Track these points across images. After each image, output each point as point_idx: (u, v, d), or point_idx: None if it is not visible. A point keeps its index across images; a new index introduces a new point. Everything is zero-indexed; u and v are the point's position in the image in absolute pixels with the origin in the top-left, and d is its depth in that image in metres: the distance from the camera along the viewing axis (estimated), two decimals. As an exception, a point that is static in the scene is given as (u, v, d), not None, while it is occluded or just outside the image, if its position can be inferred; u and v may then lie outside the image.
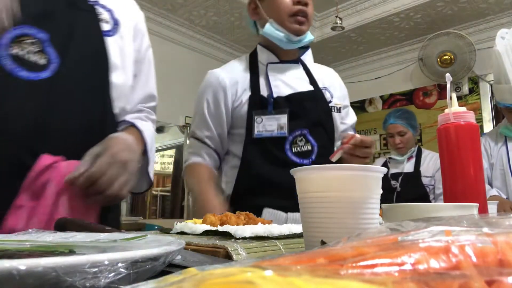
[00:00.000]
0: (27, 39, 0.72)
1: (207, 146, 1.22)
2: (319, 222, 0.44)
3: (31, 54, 0.72)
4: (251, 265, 0.19)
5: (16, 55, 0.70)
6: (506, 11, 3.34)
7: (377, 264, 0.19)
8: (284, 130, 1.13)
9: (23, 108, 0.71)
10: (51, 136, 0.73)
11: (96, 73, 0.82)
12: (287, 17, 1.15)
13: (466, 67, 3.44)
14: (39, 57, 0.73)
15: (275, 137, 1.13)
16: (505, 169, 1.89)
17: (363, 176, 0.44)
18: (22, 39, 0.71)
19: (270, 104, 1.14)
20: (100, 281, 0.26)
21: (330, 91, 1.27)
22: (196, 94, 1.27)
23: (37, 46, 0.73)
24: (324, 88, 1.26)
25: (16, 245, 0.38)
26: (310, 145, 1.16)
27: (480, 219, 0.27)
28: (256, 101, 1.15)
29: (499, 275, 0.18)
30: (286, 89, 1.19)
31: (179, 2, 3.38)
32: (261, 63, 1.24)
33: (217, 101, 1.19)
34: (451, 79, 0.72)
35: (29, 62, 0.72)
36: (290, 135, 1.14)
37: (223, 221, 0.69)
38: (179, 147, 3.81)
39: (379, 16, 3.48)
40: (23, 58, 0.71)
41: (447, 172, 0.70)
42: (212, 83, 1.21)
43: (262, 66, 1.23)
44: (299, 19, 1.15)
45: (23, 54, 0.71)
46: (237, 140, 1.20)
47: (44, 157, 0.71)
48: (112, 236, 0.45)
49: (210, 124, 1.20)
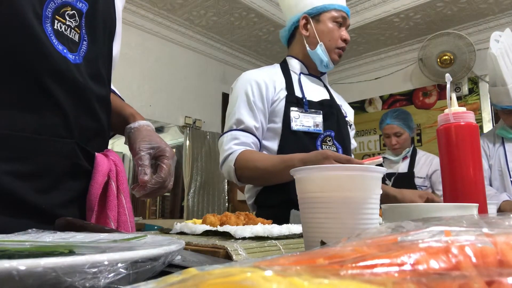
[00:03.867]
0: (67, 9, 0.64)
1: (255, 137, 1.23)
2: (319, 222, 0.44)
3: (69, 29, 0.65)
4: (251, 265, 0.19)
5: (58, 31, 0.63)
6: (506, 12, 3.34)
7: (377, 264, 0.19)
8: (319, 128, 1.26)
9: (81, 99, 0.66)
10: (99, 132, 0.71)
11: (110, 49, 0.77)
12: (334, 48, 1.32)
13: (465, 67, 3.44)
14: (74, 33, 0.66)
15: (311, 132, 1.24)
16: (503, 170, 1.89)
17: (363, 176, 0.44)
18: (64, 9, 0.63)
19: (305, 104, 1.27)
20: (99, 281, 0.26)
21: (344, 109, 1.43)
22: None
23: (75, 20, 0.66)
24: (340, 105, 1.42)
25: (16, 245, 0.38)
26: (335, 147, 1.29)
27: (479, 219, 0.27)
28: (292, 100, 1.26)
29: (498, 275, 0.18)
30: (315, 96, 1.32)
31: (178, 2, 3.38)
32: (294, 71, 1.36)
33: (260, 94, 1.25)
34: (451, 79, 0.72)
35: (68, 39, 0.65)
36: (322, 134, 1.26)
37: (223, 221, 0.69)
38: (179, 147, 3.82)
39: (379, 17, 3.49)
40: (63, 35, 0.64)
41: (447, 172, 0.70)
42: (252, 78, 1.27)
43: (295, 74, 1.35)
44: (340, 53, 1.34)
45: (64, 30, 0.64)
46: (270, 135, 1.26)
47: (99, 157, 0.69)
48: (112, 236, 0.45)
49: (257, 114, 1.24)
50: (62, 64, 0.62)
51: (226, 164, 1.21)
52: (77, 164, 0.66)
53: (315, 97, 1.31)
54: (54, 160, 0.63)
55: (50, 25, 0.61)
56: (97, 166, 0.68)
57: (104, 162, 0.70)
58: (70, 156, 0.65)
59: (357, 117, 4.28)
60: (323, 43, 1.31)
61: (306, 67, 1.37)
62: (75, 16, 0.65)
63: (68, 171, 0.65)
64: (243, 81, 1.29)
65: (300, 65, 1.37)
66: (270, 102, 1.26)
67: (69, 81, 0.63)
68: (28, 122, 0.59)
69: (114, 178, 0.71)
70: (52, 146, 0.62)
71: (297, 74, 1.35)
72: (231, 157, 1.19)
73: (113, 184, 0.70)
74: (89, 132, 0.69)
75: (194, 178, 3.72)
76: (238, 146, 1.20)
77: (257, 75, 1.29)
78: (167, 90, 3.67)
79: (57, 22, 0.62)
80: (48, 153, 0.62)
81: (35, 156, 0.60)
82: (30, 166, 0.60)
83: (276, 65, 1.39)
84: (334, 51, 1.32)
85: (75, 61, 0.65)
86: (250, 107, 1.23)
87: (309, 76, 1.38)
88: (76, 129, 0.65)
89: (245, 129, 1.22)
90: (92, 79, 0.69)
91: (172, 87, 3.68)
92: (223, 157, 1.22)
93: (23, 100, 0.59)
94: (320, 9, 1.32)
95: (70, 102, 0.64)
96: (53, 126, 0.62)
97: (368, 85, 4.23)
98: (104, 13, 0.73)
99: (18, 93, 0.58)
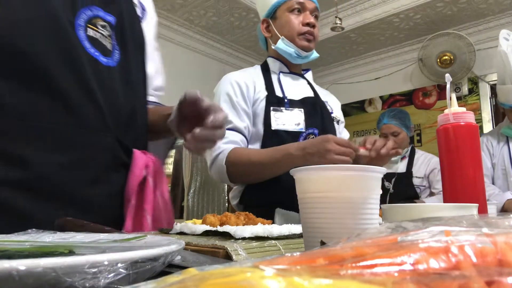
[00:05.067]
0: (99, 21, 0.69)
1: (242, 135, 1.21)
2: (319, 223, 0.44)
3: (102, 37, 0.69)
4: (250, 266, 0.19)
5: (92, 37, 0.67)
6: (506, 12, 3.34)
7: (376, 264, 0.19)
8: (301, 126, 1.22)
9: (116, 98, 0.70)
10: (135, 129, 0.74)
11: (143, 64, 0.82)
12: (297, 35, 1.27)
13: (465, 67, 3.44)
14: (107, 41, 0.70)
15: (292, 132, 1.20)
16: (507, 168, 1.90)
17: (363, 176, 0.44)
18: (95, 20, 0.68)
19: (286, 103, 1.24)
20: (99, 281, 0.26)
21: (330, 105, 1.40)
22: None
23: (107, 30, 0.70)
24: (326, 101, 1.38)
25: (16, 245, 0.38)
26: None
27: (479, 219, 0.27)
28: (273, 100, 1.24)
29: (498, 275, 0.18)
30: (297, 94, 1.29)
31: (178, 3, 3.38)
32: (273, 71, 1.34)
33: (242, 94, 1.24)
34: (450, 79, 0.72)
35: (102, 46, 0.69)
36: (304, 132, 1.22)
37: (223, 222, 0.69)
38: (179, 148, 3.81)
39: (379, 17, 3.49)
40: (96, 40, 0.68)
41: (446, 172, 0.70)
42: (233, 79, 1.27)
43: (274, 74, 1.33)
44: (308, 37, 1.28)
45: (97, 37, 0.68)
46: (252, 137, 1.24)
47: (137, 153, 0.72)
48: (111, 237, 0.45)
49: (242, 114, 1.23)
50: (92, 64, 0.66)
51: (216, 164, 1.18)
52: (117, 157, 0.69)
53: (297, 95, 1.29)
54: (95, 152, 0.66)
55: (83, 32, 0.66)
56: (134, 159, 0.71)
57: (142, 157, 0.72)
58: (110, 149, 0.68)
59: (357, 117, 4.28)
60: (284, 36, 1.29)
61: (286, 66, 1.36)
62: (106, 27, 0.70)
63: (110, 164, 0.68)
64: (224, 83, 1.28)
65: (279, 64, 1.35)
66: (252, 102, 1.24)
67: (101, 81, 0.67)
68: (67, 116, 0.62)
69: (151, 174, 0.73)
70: (93, 139, 0.65)
71: (277, 73, 1.33)
72: (221, 156, 1.16)
73: (150, 180, 0.72)
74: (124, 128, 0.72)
75: (194, 178, 3.72)
76: (227, 144, 1.17)
77: (238, 77, 1.28)
78: (167, 90, 3.65)
79: (90, 30, 0.67)
80: (89, 145, 0.65)
81: (77, 148, 0.63)
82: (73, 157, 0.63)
83: (257, 66, 1.39)
84: (297, 38, 1.27)
85: (107, 63, 0.69)
86: (234, 107, 1.22)
87: (290, 74, 1.36)
88: (112, 124, 0.68)
89: (232, 128, 1.20)
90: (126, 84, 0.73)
91: (172, 88, 3.67)
92: (212, 158, 1.19)
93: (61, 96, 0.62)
94: (274, 6, 1.31)
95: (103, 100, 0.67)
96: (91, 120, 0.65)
97: (368, 85, 4.23)
98: (130, 25, 0.77)
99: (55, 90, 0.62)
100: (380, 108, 4.12)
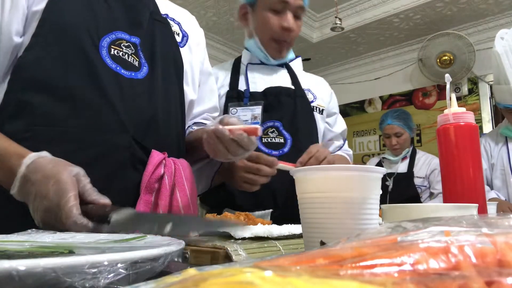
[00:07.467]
0: (123, 42, 0.77)
1: None
2: (319, 223, 0.44)
3: (126, 55, 0.77)
4: (250, 266, 0.19)
5: (115, 55, 0.75)
6: (505, 12, 3.34)
7: (376, 264, 0.19)
8: (257, 121, 1.15)
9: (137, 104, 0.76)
10: (156, 132, 0.79)
11: (176, 80, 0.88)
12: (269, 39, 1.17)
13: (465, 67, 3.44)
14: (133, 59, 0.78)
15: None
16: (506, 169, 1.89)
17: (363, 176, 0.44)
18: (119, 42, 0.77)
19: (246, 97, 1.18)
20: (99, 281, 0.26)
21: (313, 93, 1.30)
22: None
23: (131, 49, 0.78)
24: (308, 89, 1.28)
25: (16, 245, 0.38)
26: (283, 138, 1.17)
27: (479, 219, 0.27)
28: (233, 95, 1.20)
29: (498, 275, 0.18)
30: (264, 85, 1.22)
31: (178, 3, 3.38)
32: (243, 63, 1.29)
33: None
34: (450, 79, 0.72)
35: (126, 62, 0.76)
36: (261, 126, 1.14)
37: (223, 222, 0.69)
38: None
39: (379, 17, 3.48)
40: (120, 58, 0.76)
41: (446, 172, 0.70)
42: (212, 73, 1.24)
43: (243, 66, 1.28)
44: (281, 46, 1.18)
45: (121, 55, 0.76)
46: None
47: (154, 152, 0.76)
48: (111, 237, 0.45)
49: None
50: (113, 76, 0.73)
51: None
52: (134, 155, 0.74)
53: (262, 87, 1.21)
54: (111, 150, 0.71)
55: (106, 52, 0.74)
56: (150, 158, 0.76)
57: (159, 156, 0.76)
58: (127, 148, 0.73)
59: (357, 117, 4.28)
60: (257, 34, 1.19)
61: None
62: (130, 47, 0.78)
63: (127, 161, 0.73)
64: None
65: (250, 56, 1.27)
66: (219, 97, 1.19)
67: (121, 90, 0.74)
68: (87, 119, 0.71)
69: (169, 174, 0.77)
70: (110, 139, 0.71)
71: (245, 65, 1.27)
72: None
73: (166, 179, 0.76)
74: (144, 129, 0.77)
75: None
76: None
77: (215, 70, 1.25)
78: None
79: (114, 50, 0.75)
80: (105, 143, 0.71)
81: (94, 146, 0.70)
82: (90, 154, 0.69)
83: (231, 60, 1.33)
84: (270, 44, 1.17)
85: (130, 76, 0.76)
86: None
87: (261, 65, 1.26)
88: (130, 125, 0.74)
89: None
90: (152, 94, 0.79)
91: (172, 88, 3.68)
92: None
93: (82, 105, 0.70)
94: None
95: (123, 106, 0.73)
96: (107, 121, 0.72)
97: (367, 85, 4.23)
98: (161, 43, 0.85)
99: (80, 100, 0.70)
100: (380, 108, 4.12)
